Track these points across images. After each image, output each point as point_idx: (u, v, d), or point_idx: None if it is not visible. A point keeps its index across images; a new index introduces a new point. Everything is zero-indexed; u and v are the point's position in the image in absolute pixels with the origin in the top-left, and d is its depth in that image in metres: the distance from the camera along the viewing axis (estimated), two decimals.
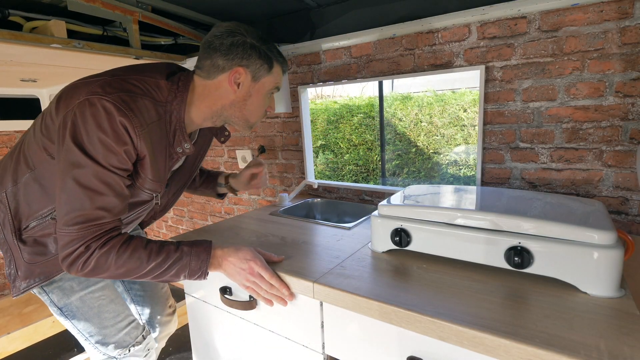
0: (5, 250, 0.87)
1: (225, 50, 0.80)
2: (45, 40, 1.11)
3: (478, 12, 1.11)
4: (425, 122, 4.11)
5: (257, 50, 0.81)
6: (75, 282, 0.93)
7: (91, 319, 0.95)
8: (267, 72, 0.85)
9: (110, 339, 0.97)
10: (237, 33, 0.80)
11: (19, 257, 0.86)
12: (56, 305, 0.93)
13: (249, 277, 0.84)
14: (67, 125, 0.71)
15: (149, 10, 1.32)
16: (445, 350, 0.67)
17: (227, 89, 0.83)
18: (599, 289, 0.69)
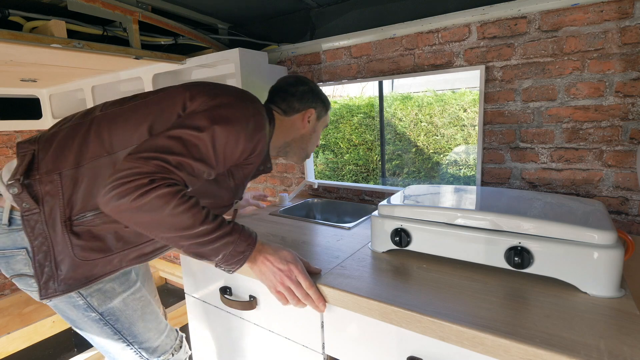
0: (39, 243, 0.75)
1: (299, 96, 1.02)
2: (45, 40, 1.11)
3: (478, 12, 1.11)
4: (425, 122, 4.11)
5: (320, 97, 1.06)
6: (116, 283, 0.86)
7: (136, 322, 0.88)
8: (326, 112, 1.09)
9: (154, 343, 0.91)
10: (304, 82, 1.05)
11: (66, 251, 0.76)
12: (96, 311, 0.83)
13: (285, 281, 0.77)
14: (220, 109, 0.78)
15: (149, 10, 1.32)
16: (445, 350, 0.67)
17: (300, 124, 1.03)
18: (599, 289, 0.69)
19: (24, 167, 0.75)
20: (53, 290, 0.77)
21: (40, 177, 0.75)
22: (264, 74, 1.49)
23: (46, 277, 0.76)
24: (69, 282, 0.77)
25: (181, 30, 1.44)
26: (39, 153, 0.77)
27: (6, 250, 0.78)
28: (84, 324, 0.85)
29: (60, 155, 0.77)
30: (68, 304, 0.82)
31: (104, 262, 0.79)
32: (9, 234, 0.77)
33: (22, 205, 0.74)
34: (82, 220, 0.76)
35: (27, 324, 1.78)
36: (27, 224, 0.74)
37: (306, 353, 0.89)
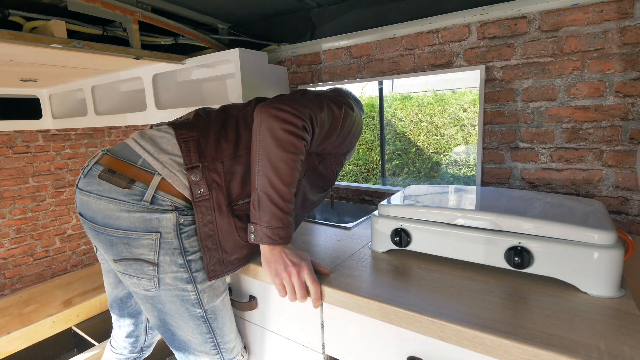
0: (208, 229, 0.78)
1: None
2: (45, 40, 1.11)
3: (478, 12, 1.11)
4: (425, 122, 4.11)
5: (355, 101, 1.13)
6: (220, 282, 0.87)
7: (226, 322, 0.90)
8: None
9: (232, 344, 0.92)
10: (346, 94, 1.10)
11: (230, 234, 0.80)
12: (202, 307, 0.83)
13: (292, 276, 0.78)
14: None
15: (149, 10, 1.32)
16: (445, 350, 0.67)
17: None
18: (599, 289, 0.69)
19: (197, 154, 0.79)
20: (221, 271, 0.82)
21: (207, 164, 0.79)
22: (264, 74, 1.49)
23: (214, 259, 0.80)
24: (234, 262, 0.84)
25: (181, 30, 1.44)
26: (201, 141, 0.81)
27: (132, 232, 0.76)
28: (180, 318, 0.83)
29: (219, 145, 0.82)
30: (175, 297, 0.80)
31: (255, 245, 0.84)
32: (145, 214, 0.75)
33: (196, 191, 0.77)
34: (240, 205, 0.82)
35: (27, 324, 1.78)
36: (199, 210, 0.77)
37: (306, 353, 0.89)
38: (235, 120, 0.87)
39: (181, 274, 0.78)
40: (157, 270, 0.77)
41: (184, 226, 0.78)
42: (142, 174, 0.77)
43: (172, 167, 0.78)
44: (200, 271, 0.81)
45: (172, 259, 0.77)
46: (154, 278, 0.77)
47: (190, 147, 0.79)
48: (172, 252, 0.77)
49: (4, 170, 2.48)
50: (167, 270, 0.77)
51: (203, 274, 0.82)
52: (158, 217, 0.75)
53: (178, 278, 0.78)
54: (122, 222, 0.75)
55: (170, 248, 0.77)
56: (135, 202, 0.75)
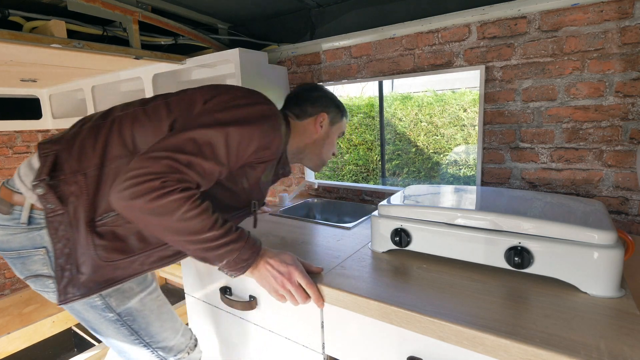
0: (62, 246, 0.74)
1: (313, 100, 1.01)
2: (45, 40, 1.11)
3: (478, 12, 1.11)
4: (425, 122, 4.11)
5: (334, 102, 1.05)
6: (134, 283, 0.85)
7: (153, 322, 0.88)
8: (340, 118, 1.07)
9: (170, 342, 0.91)
10: (319, 88, 1.06)
11: (88, 253, 0.74)
12: (113, 311, 0.82)
13: (286, 285, 0.78)
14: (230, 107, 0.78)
15: (149, 10, 1.32)
16: (445, 350, 0.67)
17: (312, 129, 1.01)
18: (599, 289, 0.69)
19: (49, 167, 0.74)
20: (72, 295, 0.76)
21: (65, 177, 0.75)
22: (264, 74, 1.49)
23: (66, 281, 0.75)
24: (89, 285, 0.76)
25: (181, 30, 1.44)
26: (62, 153, 0.77)
27: (23, 251, 0.77)
28: (100, 324, 0.84)
29: (83, 155, 0.76)
30: (85, 305, 0.81)
31: (125, 263, 0.78)
32: (27, 234, 0.76)
33: (46, 206, 0.73)
34: (105, 220, 0.75)
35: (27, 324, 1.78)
36: (51, 225, 0.74)
37: (306, 353, 0.89)
38: (110, 124, 0.80)
39: None
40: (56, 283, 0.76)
41: None
42: (17, 197, 0.77)
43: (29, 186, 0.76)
44: None
45: None
46: (59, 295, 0.76)
47: (47, 162, 0.75)
48: None
49: (4, 170, 2.48)
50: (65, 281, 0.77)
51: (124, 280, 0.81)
52: (39, 233, 0.75)
53: None
54: (12, 244, 0.77)
55: None
56: (16, 225, 0.76)
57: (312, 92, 1.04)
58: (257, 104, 0.82)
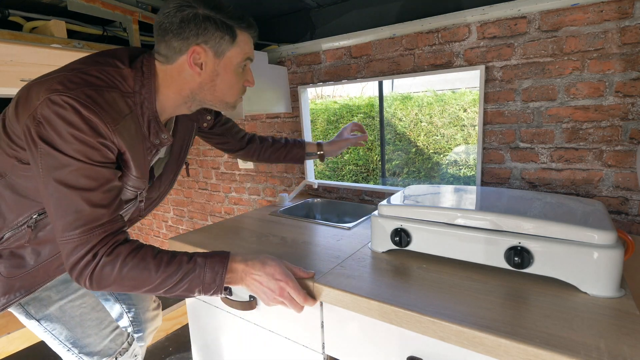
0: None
1: (176, 30, 0.71)
2: (45, 40, 1.11)
3: (478, 12, 1.11)
4: (425, 122, 4.11)
5: (212, 22, 0.72)
6: (52, 292, 0.89)
7: (73, 328, 0.90)
8: (231, 44, 0.75)
9: (95, 348, 0.92)
10: (186, 6, 0.71)
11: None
12: (33, 318, 0.87)
13: (277, 299, 0.76)
14: (33, 130, 0.64)
15: (148, 10, 1.32)
16: (445, 350, 0.67)
17: (190, 72, 0.75)
18: (599, 289, 0.69)
19: None
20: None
21: None
22: (264, 74, 1.49)
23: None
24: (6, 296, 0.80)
25: None
26: None
27: None
28: (32, 330, 0.90)
29: None
30: (18, 314, 0.88)
31: (29, 276, 0.81)
32: None
33: None
34: (2, 242, 0.77)
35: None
36: None
37: (306, 353, 0.89)
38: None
39: None
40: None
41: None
42: None
43: None
44: None
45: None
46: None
47: None
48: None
49: None
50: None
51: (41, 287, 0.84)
52: None
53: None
54: None
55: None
56: None
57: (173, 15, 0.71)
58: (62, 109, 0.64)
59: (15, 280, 0.80)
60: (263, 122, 1.82)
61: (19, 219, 0.76)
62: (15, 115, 0.69)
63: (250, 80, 0.84)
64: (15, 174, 0.74)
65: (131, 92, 0.73)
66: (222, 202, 2.18)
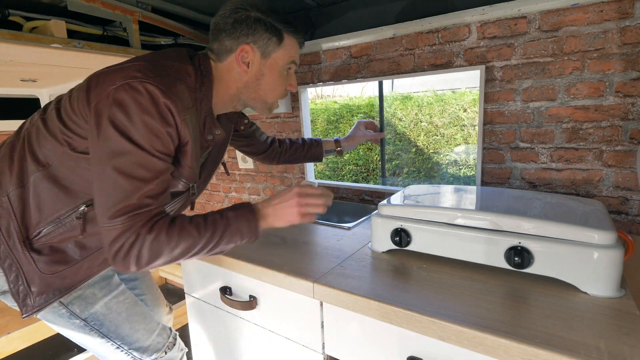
0: (8, 265, 0.76)
1: (230, 29, 0.78)
2: (45, 40, 1.11)
3: (478, 12, 1.11)
4: (425, 122, 4.11)
5: (262, 24, 0.78)
6: (96, 289, 0.86)
7: (121, 325, 0.87)
8: (277, 46, 0.81)
9: (145, 343, 0.90)
10: (241, 9, 0.77)
11: (32, 269, 0.76)
12: (79, 317, 0.83)
13: (301, 201, 0.79)
14: (104, 113, 0.66)
15: (149, 10, 1.32)
16: (446, 350, 0.67)
17: (238, 70, 0.81)
18: (599, 289, 0.69)
19: None
20: (31, 307, 0.77)
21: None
22: None
23: (22, 295, 0.76)
24: (43, 296, 0.77)
25: (181, 30, 1.44)
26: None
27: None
28: (71, 331, 0.86)
29: (3, 177, 0.76)
30: (54, 315, 0.82)
31: (71, 272, 0.79)
32: None
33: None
34: (40, 236, 0.76)
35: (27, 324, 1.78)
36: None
37: (306, 353, 0.89)
38: (22, 140, 0.77)
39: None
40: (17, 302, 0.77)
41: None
42: None
43: None
44: None
45: None
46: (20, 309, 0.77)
47: None
48: None
49: None
50: None
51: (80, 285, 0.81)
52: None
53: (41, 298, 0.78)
54: None
55: None
56: None
57: (228, 16, 0.78)
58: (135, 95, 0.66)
59: (55, 277, 0.77)
60: (263, 122, 1.82)
61: (61, 211, 0.75)
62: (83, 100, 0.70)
63: (293, 84, 0.88)
64: (63, 165, 0.74)
65: (193, 88, 0.77)
66: (222, 202, 2.18)
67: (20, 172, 0.75)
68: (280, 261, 0.92)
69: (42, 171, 0.74)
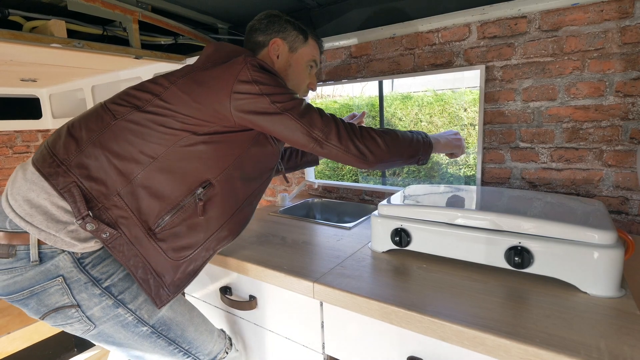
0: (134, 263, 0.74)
1: (263, 28, 0.91)
2: (45, 40, 1.11)
3: (478, 11, 1.11)
4: (425, 122, 4.11)
5: (291, 24, 0.93)
6: None
7: (187, 327, 0.85)
8: (303, 42, 0.94)
9: (209, 345, 0.88)
10: (274, 14, 0.94)
11: (161, 259, 0.76)
12: (147, 324, 0.79)
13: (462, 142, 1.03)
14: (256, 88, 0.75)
15: (148, 9, 1.32)
16: (446, 350, 0.67)
17: (270, 60, 0.92)
18: (599, 288, 0.69)
19: (83, 202, 0.70)
20: (167, 296, 0.78)
21: (103, 205, 0.72)
22: None
23: (155, 288, 0.77)
24: (177, 282, 0.79)
25: (181, 30, 1.44)
26: (84, 183, 0.72)
27: (36, 287, 0.72)
28: (135, 342, 0.80)
29: (106, 178, 0.73)
30: (116, 326, 0.77)
31: (197, 255, 0.80)
32: (36, 269, 0.71)
33: (102, 237, 0.72)
34: (162, 225, 0.75)
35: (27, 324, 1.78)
36: (115, 250, 0.73)
37: (306, 353, 0.89)
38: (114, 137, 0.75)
39: (106, 303, 0.75)
40: (80, 310, 0.74)
41: (83, 259, 0.73)
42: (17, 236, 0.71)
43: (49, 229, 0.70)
44: (126, 291, 0.77)
45: (90, 293, 0.73)
46: (83, 318, 0.74)
47: (75, 198, 0.70)
48: (84, 287, 0.73)
49: (4, 170, 2.48)
50: (91, 305, 0.74)
51: (130, 293, 0.77)
52: (52, 263, 0.71)
53: (105, 307, 0.75)
54: (22, 284, 0.72)
55: (81, 284, 0.73)
56: (24, 265, 0.71)
57: (263, 19, 0.93)
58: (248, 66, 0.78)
59: (184, 262, 0.79)
60: None
61: (177, 199, 0.76)
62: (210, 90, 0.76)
63: (313, 83, 1.01)
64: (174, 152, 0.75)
65: None
66: None
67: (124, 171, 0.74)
68: (280, 261, 0.92)
69: (150, 167, 0.74)
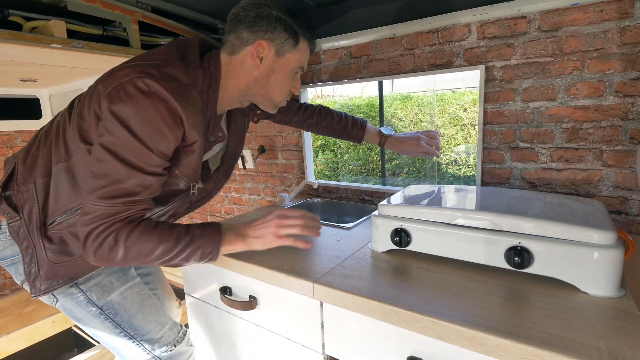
0: (25, 247, 0.80)
1: (250, 22, 0.78)
2: (45, 40, 1.11)
3: (478, 12, 1.11)
4: (425, 122, 4.11)
5: (283, 23, 0.79)
6: (114, 278, 0.89)
7: (135, 314, 0.90)
8: (293, 47, 0.82)
9: (156, 335, 0.93)
10: (263, 5, 0.78)
11: (42, 255, 0.80)
12: (95, 305, 0.86)
13: (280, 222, 0.80)
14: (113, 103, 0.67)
15: (148, 10, 1.32)
16: (446, 350, 0.67)
17: (251, 64, 0.81)
18: (599, 288, 0.69)
19: (4, 180, 0.82)
20: (38, 290, 0.81)
21: (18, 187, 0.81)
22: None
23: (33, 277, 0.81)
24: (48, 282, 0.81)
25: (181, 30, 1.44)
26: (19, 165, 0.82)
27: (15, 257, 0.84)
28: (87, 320, 0.88)
29: (33, 165, 0.81)
30: (72, 302, 0.86)
31: (75, 263, 0.82)
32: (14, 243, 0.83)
33: (5, 215, 0.81)
34: (54, 225, 0.80)
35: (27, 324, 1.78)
36: (12, 230, 0.81)
37: (306, 353, 0.89)
38: (55, 131, 0.81)
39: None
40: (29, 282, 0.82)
41: None
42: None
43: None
44: None
45: None
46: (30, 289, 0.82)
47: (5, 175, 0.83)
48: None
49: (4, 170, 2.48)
50: None
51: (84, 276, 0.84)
52: None
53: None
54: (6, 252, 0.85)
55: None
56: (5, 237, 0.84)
57: (250, 9, 0.78)
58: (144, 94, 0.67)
59: (60, 266, 0.81)
60: (263, 122, 1.82)
61: (71, 204, 0.79)
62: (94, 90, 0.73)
63: (297, 87, 0.90)
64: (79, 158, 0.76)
65: (201, 91, 0.78)
66: (222, 202, 2.18)
67: (48, 162, 0.80)
68: (280, 261, 0.92)
69: (64, 163, 0.78)
